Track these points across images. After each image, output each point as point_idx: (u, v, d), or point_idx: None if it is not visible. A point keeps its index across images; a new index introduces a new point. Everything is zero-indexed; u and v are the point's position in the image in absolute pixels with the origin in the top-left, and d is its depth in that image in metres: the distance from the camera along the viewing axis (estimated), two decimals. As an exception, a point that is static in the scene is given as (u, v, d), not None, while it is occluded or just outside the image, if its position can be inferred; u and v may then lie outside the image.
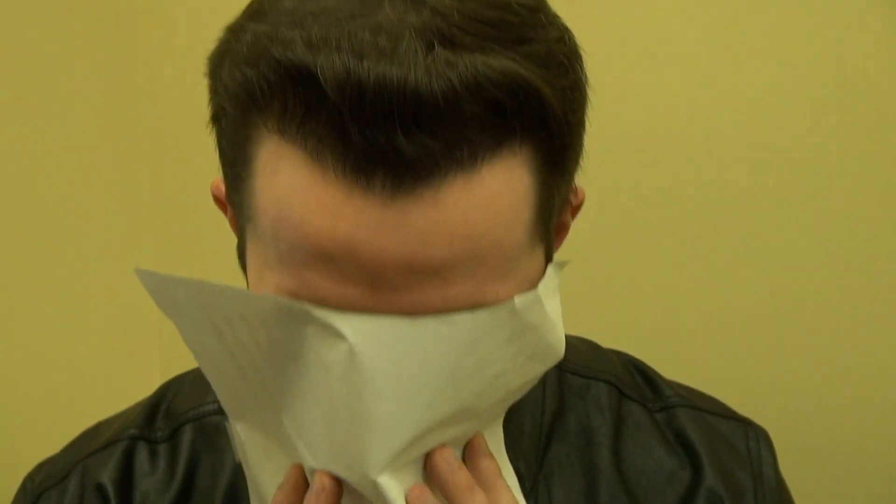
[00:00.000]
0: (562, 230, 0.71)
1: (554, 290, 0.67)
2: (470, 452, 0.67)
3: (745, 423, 0.87)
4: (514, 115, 0.57)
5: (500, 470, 0.69)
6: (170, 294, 0.62)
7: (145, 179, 1.34)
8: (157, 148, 1.34)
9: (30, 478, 0.86)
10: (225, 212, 0.72)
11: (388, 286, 0.58)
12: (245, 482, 0.76)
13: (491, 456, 0.68)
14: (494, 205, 0.59)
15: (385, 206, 0.56)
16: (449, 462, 0.64)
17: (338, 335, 0.59)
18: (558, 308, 0.67)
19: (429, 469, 0.64)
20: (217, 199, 0.72)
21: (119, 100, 1.32)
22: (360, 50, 0.54)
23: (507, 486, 0.68)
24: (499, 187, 0.58)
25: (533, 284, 0.64)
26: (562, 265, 0.68)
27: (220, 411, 0.83)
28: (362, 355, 0.59)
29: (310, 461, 0.65)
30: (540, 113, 0.59)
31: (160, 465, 0.83)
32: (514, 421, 0.73)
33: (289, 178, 0.58)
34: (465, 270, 0.59)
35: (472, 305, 0.60)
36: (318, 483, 0.64)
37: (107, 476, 0.82)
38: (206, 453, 0.83)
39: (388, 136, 0.55)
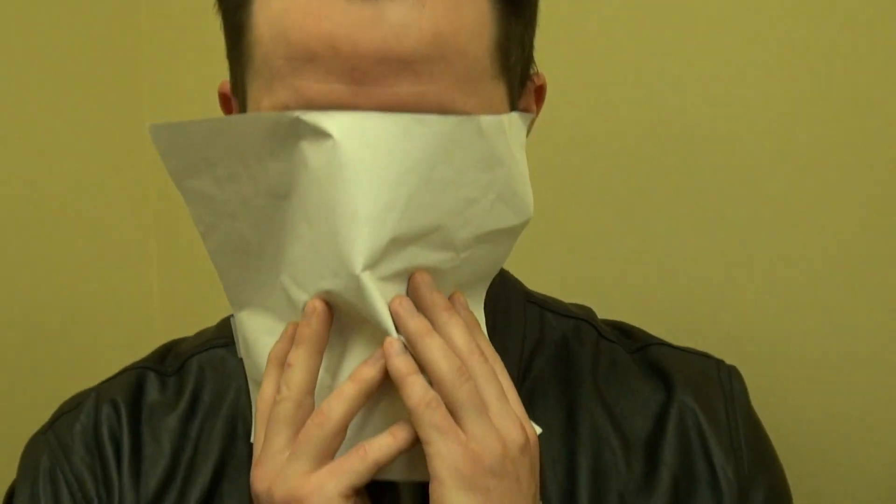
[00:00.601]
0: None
1: (521, 143, 0.75)
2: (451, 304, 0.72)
3: (718, 360, 0.91)
4: None
5: (479, 324, 0.74)
6: (177, 146, 0.71)
7: (150, 181, 1.40)
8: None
9: (48, 421, 0.90)
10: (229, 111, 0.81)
11: (366, 79, 0.68)
12: (247, 407, 0.81)
13: (472, 312, 0.74)
14: (458, 13, 0.69)
15: (363, 4, 0.67)
16: (428, 282, 0.70)
17: (324, 134, 0.67)
18: (525, 164, 0.75)
19: (410, 289, 0.70)
20: (223, 98, 0.81)
21: (123, 89, 1.38)
22: None
23: (488, 338, 0.74)
24: (461, 1, 0.70)
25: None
26: (528, 117, 0.76)
27: (225, 345, 0.88)
28: (345, 148, 0.66)
29: (302, 296, 0.70)
30: None
31: (169, 392, 0.88)
32: (495, 343, 0.78)
33: (280, 1, 0.69)
34: (435, 70, 0.68)
35: (443, 111, 0.69)
36: (309, 306, 0.69)
37: (119, 394, 0.87)
38: (212, 378, 0.87)
39: None
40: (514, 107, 0.76)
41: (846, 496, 1.08)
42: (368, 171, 0.67)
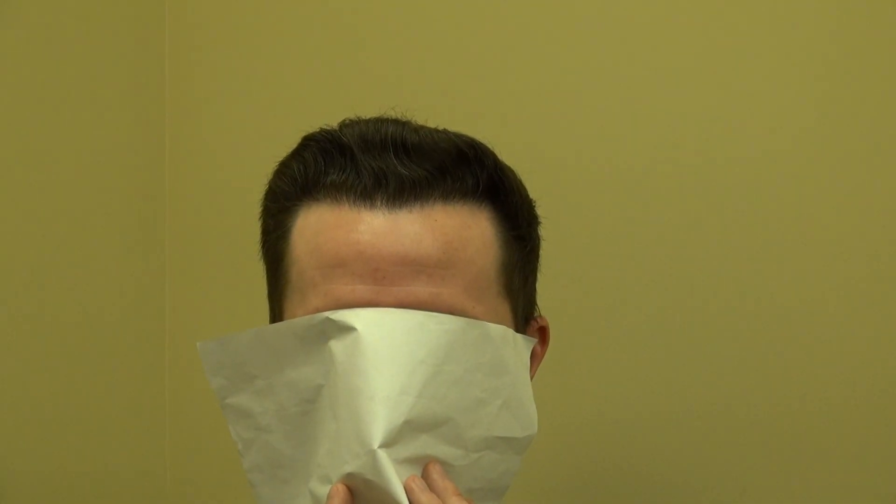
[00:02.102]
0: (534, 359, 0.87)
1: (525, 364, 0.81)
2: None
3: None
4: (475, 162, 0.80)
5: None
6: (222, 363, 0.80)
7: (163, 203, 1.42)
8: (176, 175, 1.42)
9: None
10: None
11: (387, 279, 0.77)
12: None
13: None
14: (467, 230, 0.80)
15: (385, 218, 0.79)
16: (440, 471, 0.75)
17: (350, 328, 0.76)
18: (529, 385, 0.81)
19: (423, 475, 0.75)
20: None
21: (141, 108, 1.40)
22: (366, 126, 0.82)
23: None
24: (469, 221, 0.80)
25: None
26: (531, 341, 0.83)
27: None
28: (367, 339, 0.75)
29: (327, 489, 0.75)
30: (496, 174, 0.82)
31: None
32: None
33: (316, 222, 0.80)
34: (447, 275, 0.78)
35: (454, 313, 0.77)
36: (332, 489, 0.74)
37: None
38: None
39: (386, 163, 0.78)
40: (517, 320, 0.84)
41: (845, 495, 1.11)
42: (386, 358, 0.75)
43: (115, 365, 1.36)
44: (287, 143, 0.84)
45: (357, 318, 0.76)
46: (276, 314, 0.85)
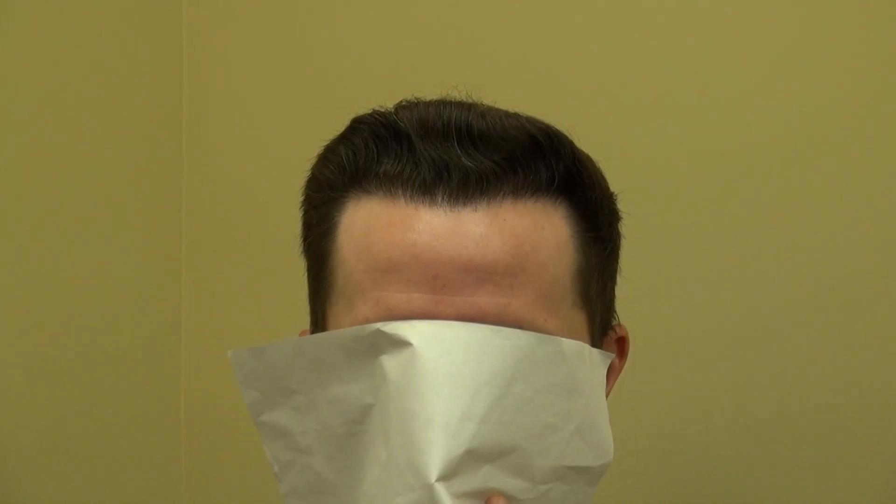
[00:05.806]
0: (611, 374, 0.79)
1: (601, 382, 0.73)
2: None
3: None
4: (550, 152, 0.72)
5: None
6: (256, 374, 0.72)
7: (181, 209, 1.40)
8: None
9: None
10: None
11: (447, 287, 0.69)
12: None
13: None
14: (539, 231, 0.72)
15: (446, 216, 0.70)
16: None
17: (404, 343, 0.68)
18: (605, 405, 0.74)
19: None
20: None
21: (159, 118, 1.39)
22: (425, 110, 0.73)
23: None
24: (542, 221, 0.72)
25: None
26: (608, 357, 0.75)
27: None
28: (424, 356, 0.67)
29: None
30: (574, 165, 0.73)
31: None
32: None
33: (366, 218, 0.73)
34: (516, 283, 0.70)
35: (523, 327, 0.70)
36: None
37: None
38: None
39: (448, 153, 0.70)
40: (594, 332, 0.77)
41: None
42: (446, 379, 0.67)
43: (129, 371, 1.34)
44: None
45: (413, 331, 0.68)
46: (319, 321, 0.77)
